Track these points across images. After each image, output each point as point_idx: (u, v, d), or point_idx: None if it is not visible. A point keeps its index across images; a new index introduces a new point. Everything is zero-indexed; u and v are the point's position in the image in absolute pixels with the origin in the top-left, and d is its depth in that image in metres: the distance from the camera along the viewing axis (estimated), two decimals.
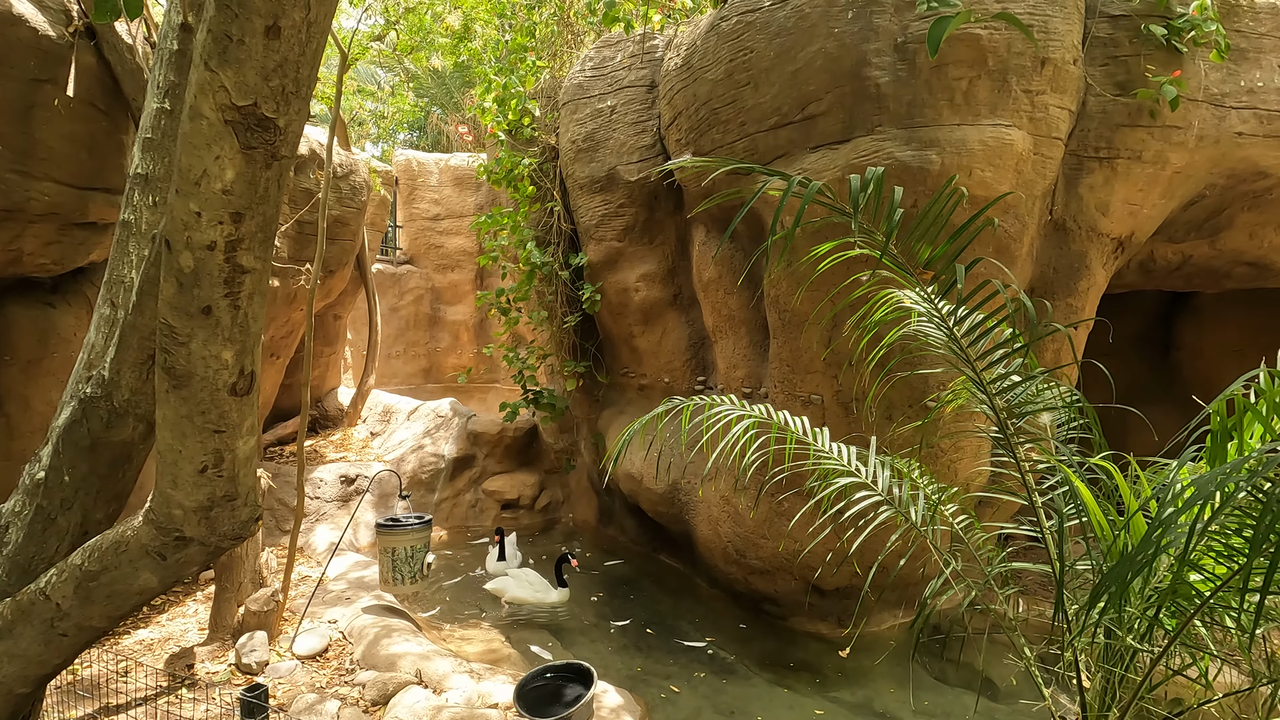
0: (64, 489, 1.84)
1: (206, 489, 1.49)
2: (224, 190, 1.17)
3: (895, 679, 4.64)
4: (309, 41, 1.11)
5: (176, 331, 1.31)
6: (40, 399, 4.16)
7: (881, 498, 2.06)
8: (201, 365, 1.34)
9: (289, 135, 1.20)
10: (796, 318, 4.47)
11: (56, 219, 3.81)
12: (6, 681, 1.80)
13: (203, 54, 1.10)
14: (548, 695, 3.80)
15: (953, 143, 3.77)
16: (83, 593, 1.67)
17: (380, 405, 9.17)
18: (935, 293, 1.81)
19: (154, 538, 1.56)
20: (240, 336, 1.34)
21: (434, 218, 12.10)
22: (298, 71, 1.13)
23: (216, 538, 1.55)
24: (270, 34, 1.06)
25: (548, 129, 6.66)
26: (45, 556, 1.85)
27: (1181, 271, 5.52)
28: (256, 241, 1.27)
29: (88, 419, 1.83)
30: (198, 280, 1.26)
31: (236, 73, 1.09)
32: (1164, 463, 1.85)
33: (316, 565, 6.10)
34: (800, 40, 4.02)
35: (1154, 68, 4.07)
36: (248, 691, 2.32)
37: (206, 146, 1.15)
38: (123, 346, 1.79)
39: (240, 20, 1.06)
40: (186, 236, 1.22)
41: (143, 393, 1.81)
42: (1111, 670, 1.56)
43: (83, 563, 1.66)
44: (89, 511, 1.87)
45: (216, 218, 1.20)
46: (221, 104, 1.12)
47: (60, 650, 1.77)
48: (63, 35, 3.63)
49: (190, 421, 1.39)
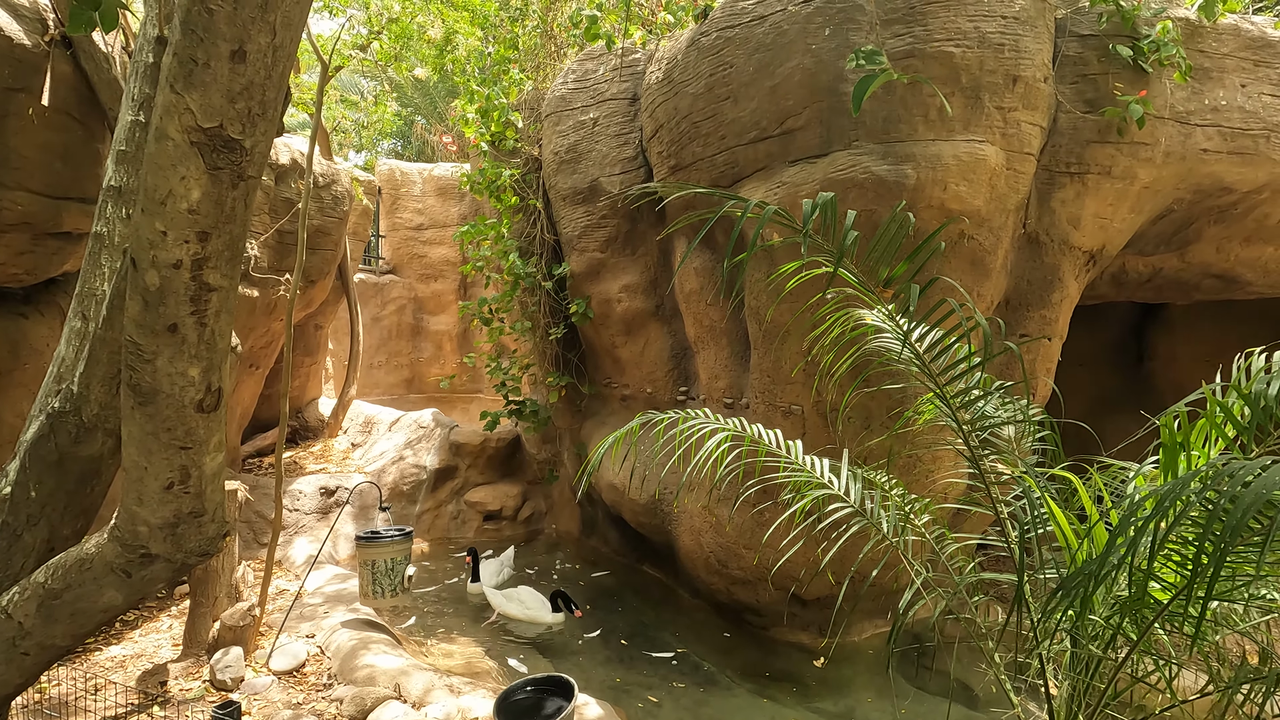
0: (30, 505, 1.81)
1: (173, 505, 1.47)
2: (190, 210, 1.18)
3: (876, 688, 4.66)
4: (275, 65, 1.12)
5: (142, 349, 1.31)
6: (11, 411, 4.09)
7: (853, 509, 2.09)
8: (168, 382, 1.33)
9: (255, 156, 1.21)
10: (776, 329, 4.52)
11: (29, 229, 3.76)
12: None
13: (168, 77, 1.10)
14: (528, 708, 3.77)
15: (928, 157, 3.84)
16: (46, 611, 1.64)
17: (362, 416, 9.10)
18: (896, 310, 1.85)
19: (119, 555, 1.54)
20: (207, 354, 1.33)
21: (417, 227, 12.06)
22: (264, 94, 1.14)
23: (183, 554, 1.54)
24: (236, 58, 1.07)
25: (531, 140, 6.69)
26: (10, 573, 1.81)
27: (1152, 283, 5.65)
28: (223, 260, 1.27)
29: (56, 434, 1.80)
30: (163, 298, 1.26)
31: (202, 95, 1.10)
32: (1122, 465, 1.90)
33: (295, 578, 6.02)
34: (778, 56, 4.09)
35: (1122, 86, 4.18)
36: (220, 709, 2.29)
37: (172, 167, 1.15)
38: (92, 361, 1.77)
39: (206, 45, 1.07)
40: (152, 255, 1.22)
41: (112, 407, 1.79)
42: (1078, 677, 1.59)
43: (46, 580, 1.63)
44: (56, 527, 1.84)
45: (182, 236, 1.20)
46: (187, 126, 1.12)
47: (22, 669, 1.73)
48: (38, 44, 3.60)
49: (156, 438, 1.38)
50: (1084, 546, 1.62)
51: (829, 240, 1.68)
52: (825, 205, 1.63)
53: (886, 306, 1.84)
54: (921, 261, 1.68)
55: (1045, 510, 1.76)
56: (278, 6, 1.08)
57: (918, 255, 1.67)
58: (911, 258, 1.67)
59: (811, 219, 1.59)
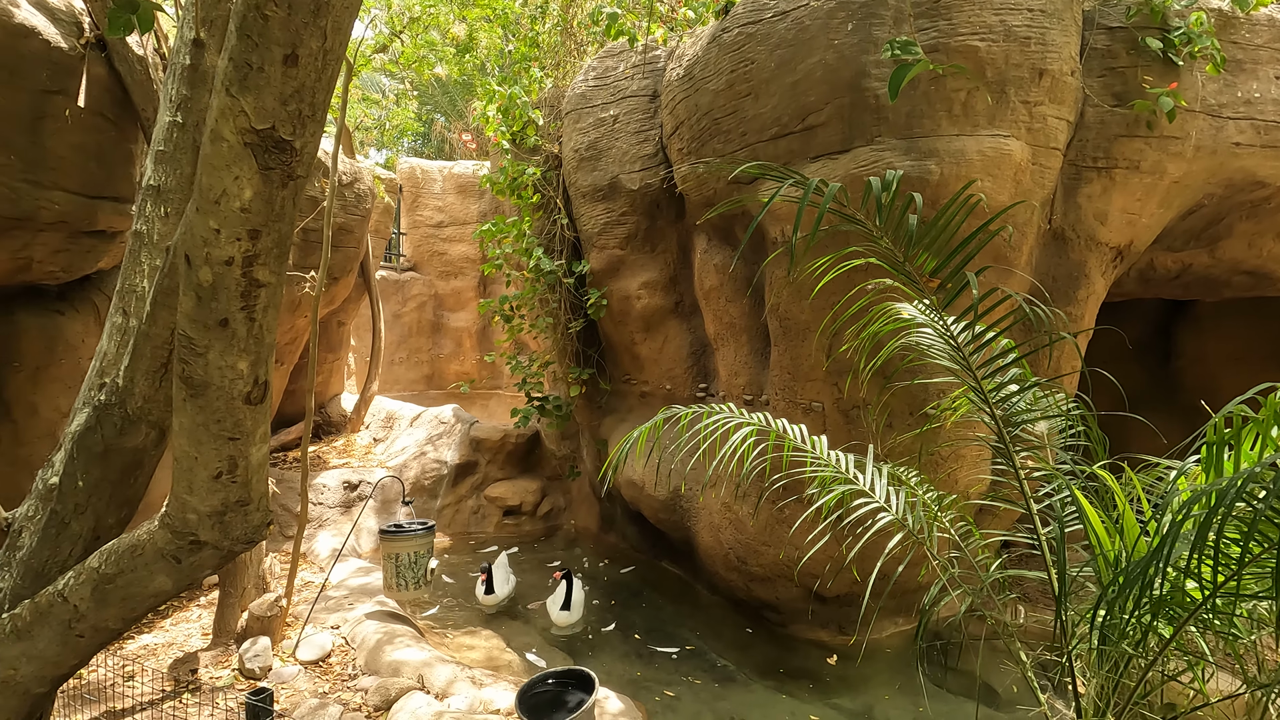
0: (77, 494, 1.88)
1: (220, 494, 1.53)
2: (242, 208, 1.22)
3: (895, 686, 4.64)
4: (324, 69, 1.16)
5: (195, 343, 1.36)
6: (48, 405, 4.20)
7: (879, 504, 2.09)
8: (218, 375, 1.38)
9: (304, 156, 1.25)
10: (798, 326, 4.51)
11: (65, 227, 3.86)
12: (24, 682, 1.84)
13: (224, 80, 1.14)
14: (549, 701, 3.81)
15: (951, 153, 3.81)
16: (99, 595, 1.71)
17: (383, 411, 9.21)
18: (940, 301, 1.84)
19: (169, 541, 1.60)
20: (255, 347, 1.38)
21: (437, 225, 12.17)
22: (313, 96, 1.18)
23: (229, 541, 1.59)
24: (288, 62, 1.10)
25: (551, 138, 6.72)
26: (59, 561, 1.88)
27: (1180, 280, 5.55)
28: (272, 257, 1.32)
29: (101, 426, 1.87)
30: (216, 294, 1.31)
31: (256, 98, 1.14)
32: (1162, 463, 1.88)
33: (319, 571, 6.12)
34: (800, 52, 4.07)
35: (1151, 79, 4.12)
36: (253, 695, 2.35)
37: (226, 167, 1.20)
38: (136, 355, 1.83)
39: (260, 49, 1.10)
40: (206, 252, 1.27)
41: (155, 400, 1.85)
42: (1108, 676, 1.58)
43: (100, 566, 1.70)
44: (101, 517, 1.91)
45: (235, 234, 1.24)
46: (241, 127, 1.16)
47: (76, 651, 1.81)
48: (74, 47, 3.68)
49: (206, 429, 1.43)
50: (1117, 544, 1.60)
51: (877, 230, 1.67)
52: (889, 184, 1.61)
53: (929, 298, 1.83)
54: (973, 252, 1.67)
55: (1077, 508, 1.74)
56: (329, 12, 1.11)
57: (967, 245, 1.65)
58: (962, 247, 1.66)
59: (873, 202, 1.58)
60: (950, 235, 1.72)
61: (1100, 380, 2.46)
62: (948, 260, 1.73)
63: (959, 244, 1.72)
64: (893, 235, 1.67)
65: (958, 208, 1.71)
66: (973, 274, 1.64)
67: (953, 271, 1.71)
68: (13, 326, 4.05)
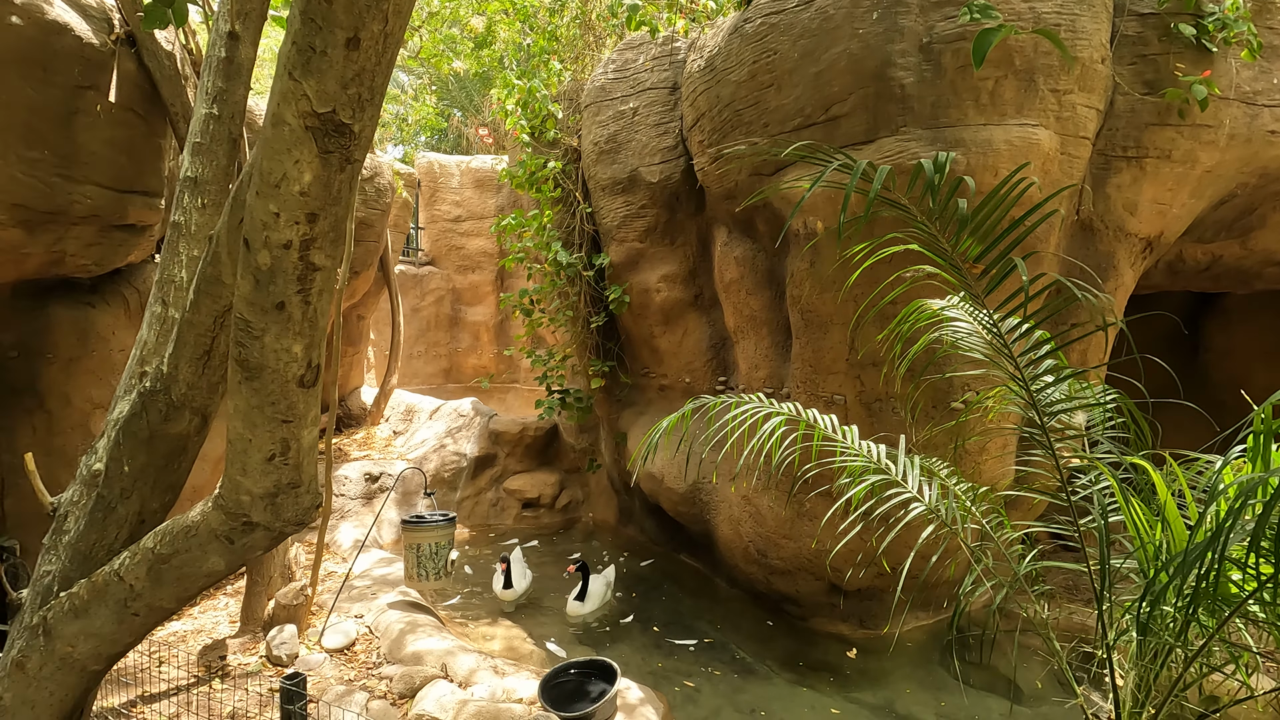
0: (123, 479, 1.92)
1: (273, 476, 1.55)
2: (301, 192, 1.24)
3: (916, 680, 4.63)
4: (385, 52, 1.17)
5: (252, 326, 1.38)
6: (80, 396, 4.28)
7: (913, 495, 2.08)
8: (273, 358, 1.41)
9: (362, 140, 1.26)
10: (820, 318, 4.48)
11: (97, 221, 3.92)
12: (82, 659, 1.89)
13: (286, 64, 1.15)
14: (572, 691, 3.84)
15: (978, 143, 3.76)
16: (155, 575, 1.75)
17: (402, 405, 9.29)
18: (982, 288, 1.82)
19: (223, 522, 1.63)
20: (309, 331, 1.41)
21: (455, 219, 12.22)
22: (373, 80, 1.19)
23: (281, 523, 1.62)
24: (350, 45, 1.11)
25: (570, 131, 6.72)
26: (105, 544, 1.93)
27: (1210, 272, 5.45)
28: (328, 241, 1.33)
29: (147, 412, 1.91)
30: (273, 277, 1.32)
31: (318, 82, 1.15)
32: (1203, 458, 1.85)
33: (341, 561, 6.20)
34: (824, 41, 4.04)
35: (1183, 66, 4.04)
36: (287, 679, 2.40)
37: (287, 151, 1.21)
38: (180, 343, 1.86)
39: (324, 33, 1.11)
40: (265, 236, 1.29)
41: (197, 387, 1.89)
42: (1148, 667, 1.56)
43: (155, 546, 1.74)
44: (146, 501, 1.95)
45: (293, 218, 1.26)
46: (303, 111, 1.18)
47: (132, 629, 1.86)
48: (105, 43, 3.74)
49: (261, 411, 1.46)
50: (1158, 535, 1.58)
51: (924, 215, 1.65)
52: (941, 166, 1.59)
53: (971, 286, 1.81)
54: (1022, 236, 1.64)
55: (1116, 500, 1.72)
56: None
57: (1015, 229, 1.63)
58: (1006, 234, 1.64)
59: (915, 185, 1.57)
60: (999, 220, 1.70)
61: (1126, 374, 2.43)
62: (990, 247, 1.71)
63: (1002, 231, 1.70)
64: (938, 221, 1.65)
65: (1008, 190, 1.69)
66: (1020, 259, 1.62)
67: (997, 258, 1.69)
68: (46, 319, 4.13)
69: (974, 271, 1.80)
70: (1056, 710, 4.14)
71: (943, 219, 1.73)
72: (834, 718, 4.15)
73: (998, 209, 1.67)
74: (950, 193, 1.65)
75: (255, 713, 3.67)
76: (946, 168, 1.63)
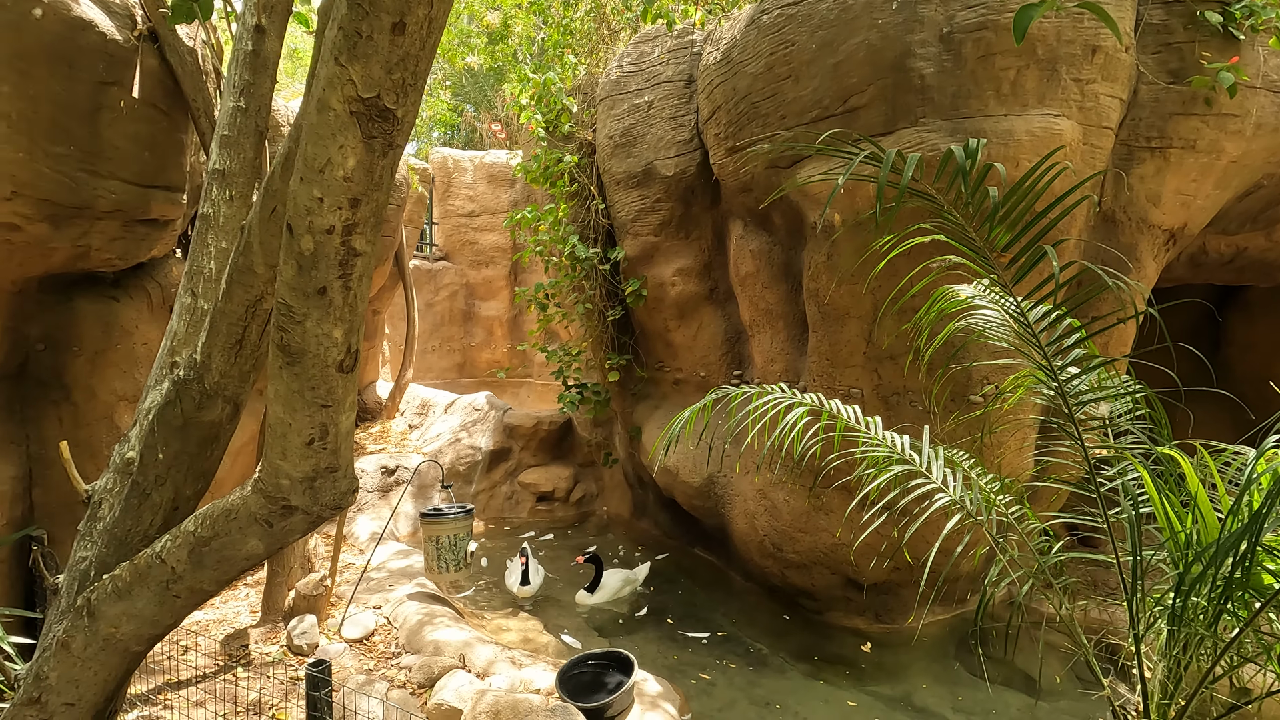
0: (158, 466, 1.96)
1: (312, 460, 1.58)
2: (344, 177, 1.25)
3: (932, 675, 4.62)
4: (429, 36, 1.18)
5: (294, 310, 1.40)
6: (105, 388, 4.33)
7: (937, 486, 2.07)
8: (314, 343, 1.43)
9: (404, 125, 1.28)
10: (837, 311, 4.46)
11: (121, 216, 3.96)
12: (125, 640, 1.93)
13: (332, 50, 1.17)
14: (589, 682, 3.87)
15: (999, 134, 3.73)
16: (195, 557, 1.78)
17: (417, 399, 9.35)
18: (1010, 277, 1.80)
19: (262, 506, 1.66)
20: (349, 316, 1.42)
21: (469, 214, 12.26)
22: (417, 65, 1.20)
23: (319, 507, 1.65)
24: (396, 30, 1.13)
25: (584, 125, 6.72)
26: (140, 530, 1.97)
27: (1234, 264, 5.38)
28: (369, 226, 1.35)
29: (181, 400, 1.94)
30: (316, 262, 1.34)
31: (364, 67, 1.16)
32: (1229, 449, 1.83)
33: (359, 553, 6.26)
34: (843, 32, 4.01)
35: (1210, 54, 3.97)
36: (313, 666, 2.43)
37: (332, 136, 1.23)
38: (213, 332, 1.89)
39: (370, 18, 1.13)
40: (308, 221, 1.31)
41: (230, 375, 1.92)
42: (1178, 659, 1.55)
43: (195, 529, 1.78)
44: (180, 488, 1.99)
45: (336, 203, 1.28)
46: (349, 96, 1.19)
47: (173, 611, 1.90)
48: (128, 39, 3.77)
49: (301, 396, 1.48)
50: (1189, 526, 1.57)
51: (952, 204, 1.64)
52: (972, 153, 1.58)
53: (999, 275, 1.80)
54: (1048, 226, 1.64)
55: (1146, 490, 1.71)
56: None
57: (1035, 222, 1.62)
58: (1034, 222, 1.63)
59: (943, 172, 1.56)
60: (1028, 209, 1.69)
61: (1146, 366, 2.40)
62: (1019, 235, 1.70)
63: (1030, 220, 1.68)
64: (964, 211, 1.64)
65: (1039, 178, 1.68)
66: (1050, 246, 1.61)
67: (1026, 247, 1.68)
68: (72, 313, 4.19)
69: (1002, 261, 1.79)
70: (1075, 705, 4.12)
71: (970, 208, 1.72)
72: (850, 710, 4.15)
73: (1027, 196, 1.66)
74: (979, 181, 1.64)
75: (278, 701, 3.73)
76: (978, 156, 1.62)
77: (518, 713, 3.31)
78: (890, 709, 4.19)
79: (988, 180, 1.67)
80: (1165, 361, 2.14)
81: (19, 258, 3.69)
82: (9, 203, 3.40)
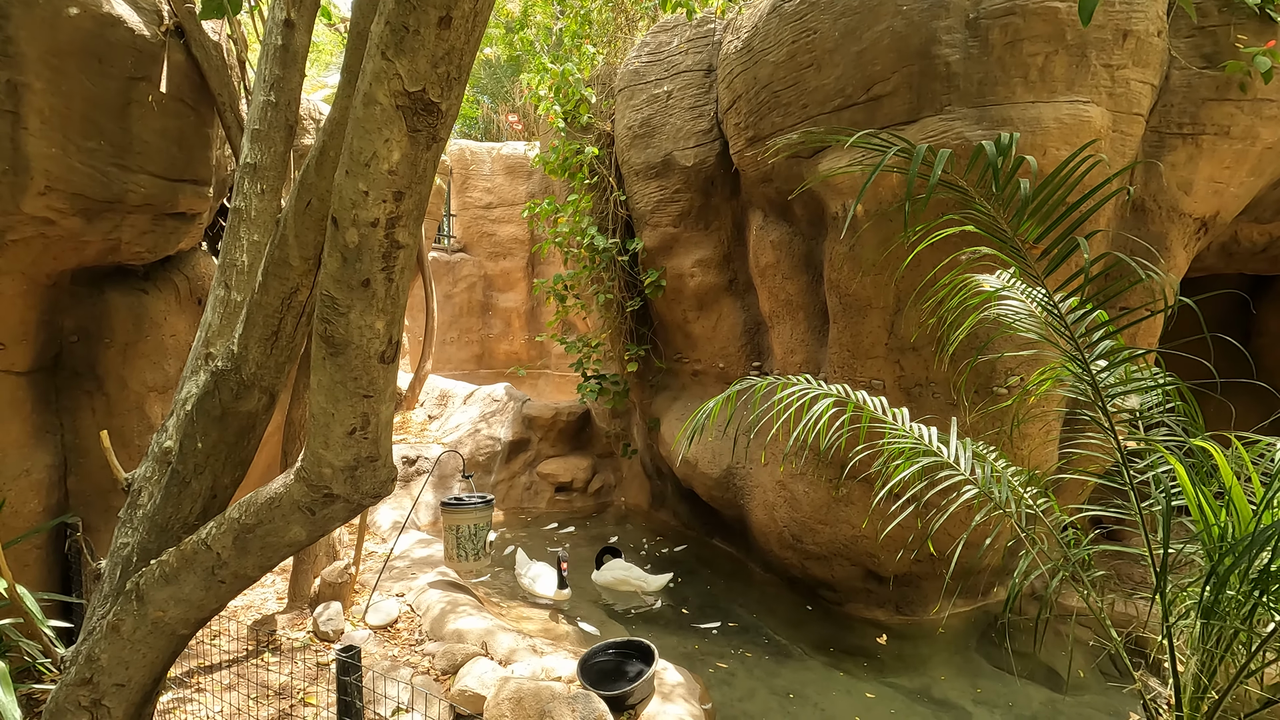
0: (197, 455, 2.01)
1: (354, 450, 1.61)
2: (390, 171, 1.27)
3: (953, 667, 4.60)
4: (473, 30, 1.19)
5: (338, 302, 1.43)
6: (135, 380, 4.42)
7: (965, 477, 2.06)
8: (357, 334, 1.46)
9: (448, 118, 1.29)
10: (858, 302, 4.43)
11: (150, 210, 4.03)
12: (172, 623, 1.99)
13: (379, 44, 1.19)
14: (610, 670, 3.91)
15: (1026, 121, 3.67)
16: (240, 544, 1.84)
17: (437, 389, 9.44)
18: (1042, 269, 1.78)
19: (305, 494, 1.71)
20: (391, 308, 1.45)
21: (486, 206, 12.30)
22: (461, 58, 1.22)
23: (359, 495, 1.69)
24: (442, 24, 1.14)
25: (603, 116, 6.71)
26: (180, 517, 2.02)
27: (1268, 253, 5.26)
28: (412, 219, 1.38)
29: (219, 390, 1.99)
30: (360, 255, 1.37)
31: (410, 61, 1.18)
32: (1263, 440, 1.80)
33: (381, 542, 6.35)
34: (866, 19, 3.96)
35: (1245, 38, 3.87)
36: (343, 651, 2.48)
37: (378, 130, 1.25)
38: (249, 324, 1.93)
39: (417, 12, 1.14)
40: (354, 214, 1.33)
41: (266, 366, 1.96)
42: (1211, 652, 1.54)
43: (240, 516, 1.83)
44: (218, 476, 2.04)
45: (381, 196, 1.30)
46: (395, 90, 1.21)
47: (218, 596, 1.96)
48: (156, 35, 3.82)
49: (343, 387, 1.51)
50: (1223, 519, 1.55)
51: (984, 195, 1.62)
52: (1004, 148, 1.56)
53: (1031, 266, 1.79)
54: (1083, 217, 1.62)
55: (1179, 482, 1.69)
56: None
57: (1068, 214, 1.61)
58: (1068, 212, 1.61)
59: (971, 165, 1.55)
60: (1061, 200, 1.67)
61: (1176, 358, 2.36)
62: (1051, 227, 1.68)
63: (1062, 212, 1.66)
64: (996, 202, 1.62)
65: (1072, 169, 1.66)
66: (1083, 238, 1.59)
67: (1058, 238, 1.66)
68: (104, 305, 4.27)
69: (1033, 253, 1.77)
70: (1100, 699, 4.09)
71: (1001, 200, 1.70)
72: (870, 702, 4.16)
73: (1061, 188, 1.63)
74: (1011, 173, 1.62)
75: (305, 685, 3.81)
76: (1012, 150, 1.60)
77: (540, 699, 3.36)
78: (910, 700, 4.19)
79: (1020, 173, 1.64)
80: (1199, 353, 2.11)
81: (53, 251, 3.77)
82: (43, 197, 3.47)
